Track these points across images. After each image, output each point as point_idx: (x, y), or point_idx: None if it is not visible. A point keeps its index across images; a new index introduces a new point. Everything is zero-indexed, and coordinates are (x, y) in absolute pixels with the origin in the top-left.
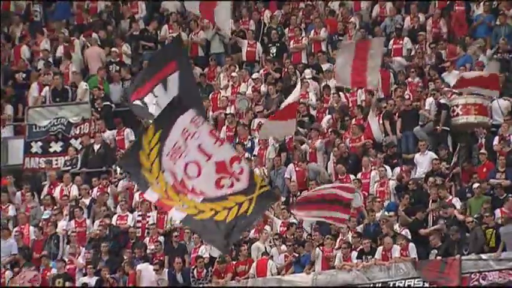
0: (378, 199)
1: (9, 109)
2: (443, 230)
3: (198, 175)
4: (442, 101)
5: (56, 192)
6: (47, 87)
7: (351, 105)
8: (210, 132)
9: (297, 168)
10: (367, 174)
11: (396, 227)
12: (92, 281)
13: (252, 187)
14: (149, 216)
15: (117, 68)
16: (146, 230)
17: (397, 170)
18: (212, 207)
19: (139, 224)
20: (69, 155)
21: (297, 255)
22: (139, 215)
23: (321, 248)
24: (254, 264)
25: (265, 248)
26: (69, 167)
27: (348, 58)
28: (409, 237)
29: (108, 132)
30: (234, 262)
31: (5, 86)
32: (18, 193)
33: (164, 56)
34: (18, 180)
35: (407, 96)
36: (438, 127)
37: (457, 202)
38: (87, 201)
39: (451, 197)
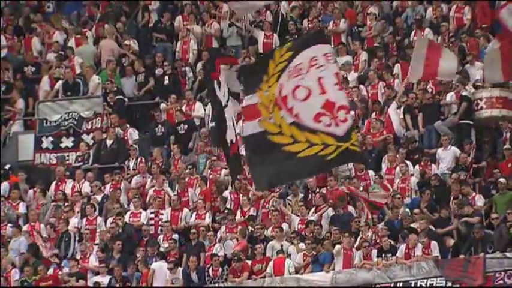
0: (398, 196)
1: (20, 103)
2: (460, 230)
3: (303, 99)
4: (464, 93)
5: (68, 189)
6: (59, 82)
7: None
8: (336, 73)
9: None
10: (392, 169)
11: (418, 224)
12: (105, 280)
13: (345, 138)
14: (162, 214)
15: (130, 61)
16: (159, 228)
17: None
18: (295, 135)
19: (153, 222)
20: (80, 151)
21: (315, 253)
22: (152, 212)
23: (341, 245)
24: (271, 263)
25: (281, 246)
26: (81, 163)
27: (423, 52)
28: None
29: (130, 129)
30: (251, 261)
31: (14, 80)
32: (30, 191)
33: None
34: (29, 177)
35: (430, 90)
36: (459, 119)
37: (480, 199)
38: (99, 197)
39: (474, 194)
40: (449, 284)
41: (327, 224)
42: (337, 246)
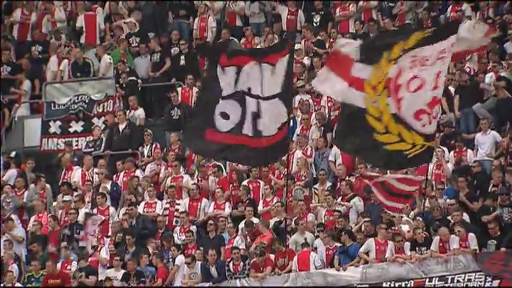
0: (434, 183)
1: (26, 85)
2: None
3: (414, 91)
4: (503, 74)
5: (77, 177)
6: (66, 61)
7: None
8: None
9: None
10: None
11: (456, 214)
12: (118, 275)
13: (433, 136)
14: (178, 204)
15: (137, 40)
16: (175, 219)
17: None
18: (390, 126)
19: (167, 212)
20: (93, 136)
21: (339, 245)
22: (167, 202)
23: (374, 239)
24: (295, 258)
25: (305, 239)
26: (92, 149)
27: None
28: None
29: (139, 109)
30: (274, 255)
31: (19, 60)
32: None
33: None
34: (36, 164)
35: (467, 70)
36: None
37: None
38: (108, 186)
39: None
40: (489, 279)
41: (355, 215)
42: (370, 241)
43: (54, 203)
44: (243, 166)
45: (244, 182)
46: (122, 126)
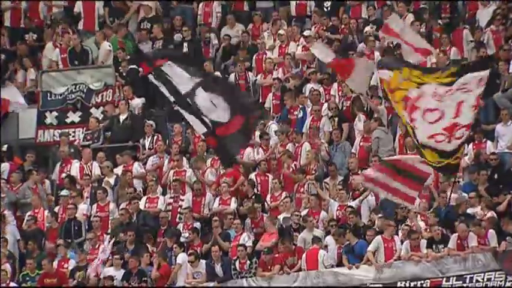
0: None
1: (20, 75)
2: None
3: (430, 122)
4: None
5: (75, 171)
6: (57, 50)
7: None
8: (478, 96)
9: (361, 143)
10: None
11: (477, 210)
12: (118, 274)
13: (451, 153)
14: (182, 200)
15: (149, 25)
16: (178, 215)
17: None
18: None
19: (170, 207)
20: (90, 127)
21: (347, 242)
22: (170, 197)
23: (381, 236)
24: (304, 256)
25: (315, 236)
26: (90, 141)
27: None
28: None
29: (137, 100)
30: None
31: (13, 46)
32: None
33: None
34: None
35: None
36: None
37: None
38: (111, 180)
39: None
40: (510, 279)
41: (368, 211)
42: (378, 237)
43: (52, 198)
44: (249, 159)
45: (252, 176)
46: (122, 117)
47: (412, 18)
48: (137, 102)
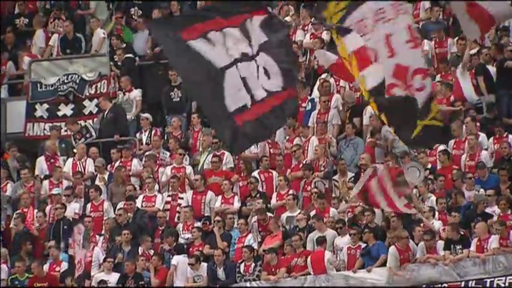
0: (469, 175)
1: (10, 66)
2: None
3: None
4: None
5: (67, 168)
6: (55, 36)
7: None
8: (408, 27)
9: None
10: (461, 143)
11: (495, 208)
12: (112, 278)
13: (423, 112)
14: (181, 198)
15: (139, 12)
16: (177, 215)
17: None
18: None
19: (169, 206)
20: (82, 121)
21: (363, 245)
22: (168, 195)
23: (395, 247)
24: (309, 258)
25: (321, 237)
26: (82, 139)
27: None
28: None
29: (135, 91)
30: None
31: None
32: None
33: None
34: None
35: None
36: None
37: None
38: (105, 177)
39: None
40: None
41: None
42: (392, 249)
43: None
44: (251, 153)
45: (255, 172)
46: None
47: (428, 5)
48: (135, 94)
